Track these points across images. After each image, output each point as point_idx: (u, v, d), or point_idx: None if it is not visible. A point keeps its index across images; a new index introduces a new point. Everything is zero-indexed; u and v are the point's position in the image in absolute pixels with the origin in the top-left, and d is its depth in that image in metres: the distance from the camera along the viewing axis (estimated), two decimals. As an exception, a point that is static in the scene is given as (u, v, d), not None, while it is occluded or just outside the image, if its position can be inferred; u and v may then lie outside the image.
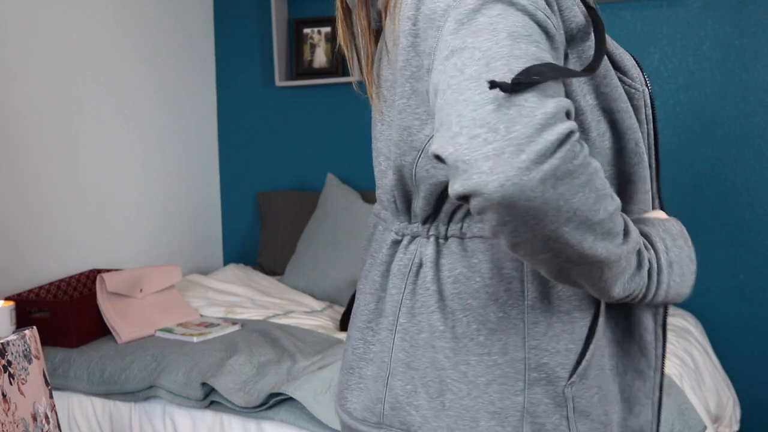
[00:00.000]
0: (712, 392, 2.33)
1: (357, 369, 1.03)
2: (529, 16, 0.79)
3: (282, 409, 1.94)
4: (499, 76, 0.73)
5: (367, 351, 1.02)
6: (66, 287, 2.58)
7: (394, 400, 0.96)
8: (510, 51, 0.75)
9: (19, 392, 1.62)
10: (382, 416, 0.98)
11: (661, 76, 2.77)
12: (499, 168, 0.70)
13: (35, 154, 2.62)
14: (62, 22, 2.71)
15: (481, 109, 0.72)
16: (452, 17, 0.80)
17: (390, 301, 0.99)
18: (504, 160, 0.70)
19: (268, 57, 3.40)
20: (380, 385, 0.98)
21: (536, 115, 0.71)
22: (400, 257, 1.00)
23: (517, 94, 0.72)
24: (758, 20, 2.64)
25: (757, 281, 2.70)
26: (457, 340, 0.92)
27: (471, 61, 0.75)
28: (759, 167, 2.67)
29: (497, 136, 0.71)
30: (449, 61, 0.78)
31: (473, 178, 0.71)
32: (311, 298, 2.84)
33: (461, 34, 0.78)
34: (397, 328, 0.97)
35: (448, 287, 0.94)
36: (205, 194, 3.47)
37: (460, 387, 0.92)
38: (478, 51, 0.76)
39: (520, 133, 0.70)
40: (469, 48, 0.77)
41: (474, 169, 0.71)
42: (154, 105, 3.15)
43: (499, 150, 0.70)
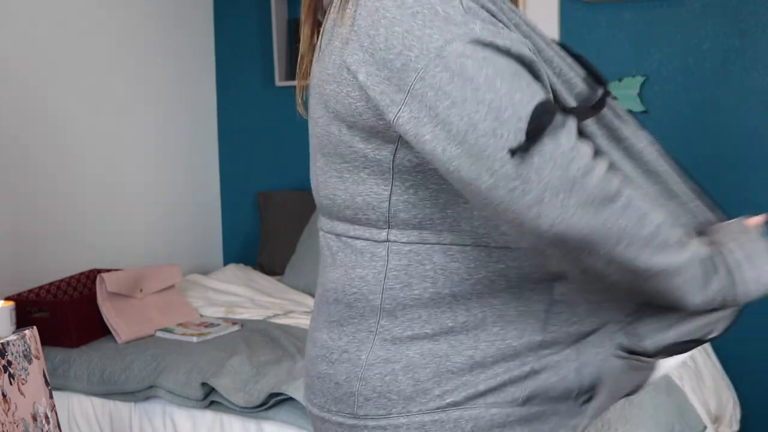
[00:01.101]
0: (712, 392, 2.33)
1: (323, 363, 1.03)
2: (508, 54, 0.83)
3: (282, 409, 1.94)
4: (512, 128, 0.79)
5: (333, 348, 1.02)
6: (66, 287, 2.58)
7: (370, 391, 0.98)
8: (510, 97, 0.80)
9: (19, 392, 1.62)
10: (356, 406, 0.99)
11: (661, 76, 2.77)
12: (545, 211, 0.79)
13: (35, 154, 2.62)
14: (62, 23, 2.71)
15: (508, 165, 0.79)
16: (440, 65, 0.82)
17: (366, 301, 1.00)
18: (546, 204, 0.79)
19: (268, 57, 3.40)
20: (353, 380, 0.98)
21: (557, 157, 0.79)
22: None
23: (534, 144, 0.79)
24: (758, 20, 2.64)
25: (757, 281, 2.69)
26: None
27: (478, 116, 0.80)
28: (759, 167, 2.67)
29: (532, 186, 0.79)
30: (452, 110, 0.81)
31: (526, 224, 0.81)
32: (311, 298, 2.84)
33: (454, 86, 0.81)
34: (378, 329, 0.98)
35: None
36: (205, 194, 3.47)
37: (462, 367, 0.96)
38: (481, 105, 0.80)
39: (551, 177, 0.79)
40: (463, 103, 0.80)
41: (524, 217, 0.80)
42: (154, 105, 3.15)
43: (539, 197, 0.79)
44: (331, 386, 1.01)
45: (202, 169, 3.45)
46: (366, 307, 0.98)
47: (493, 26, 0.85)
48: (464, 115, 0.80)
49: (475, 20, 0.84)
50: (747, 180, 2.69)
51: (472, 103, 0.80)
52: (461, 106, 0.80)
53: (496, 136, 0.79)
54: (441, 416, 0.95)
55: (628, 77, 2.79)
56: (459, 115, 0.80)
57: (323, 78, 0.95)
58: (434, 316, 0.96)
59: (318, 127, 0.99)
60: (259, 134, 3.47)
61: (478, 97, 0.80)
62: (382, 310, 0.97)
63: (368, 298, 0.98)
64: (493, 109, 0.79)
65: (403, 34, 0.84)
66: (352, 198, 0.97)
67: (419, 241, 0.95)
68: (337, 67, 0.92)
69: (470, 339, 0.96)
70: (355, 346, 0.99)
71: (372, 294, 0.97)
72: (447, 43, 0.82)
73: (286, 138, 3.42)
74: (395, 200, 0.95)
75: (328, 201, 1.01)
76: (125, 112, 3.01)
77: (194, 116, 3.39)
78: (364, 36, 0.88)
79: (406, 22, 0.84)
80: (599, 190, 0.81)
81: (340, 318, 1.01)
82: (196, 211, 3.41)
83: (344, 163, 0.97)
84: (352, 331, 0.99)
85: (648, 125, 2.99)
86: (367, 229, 0.97)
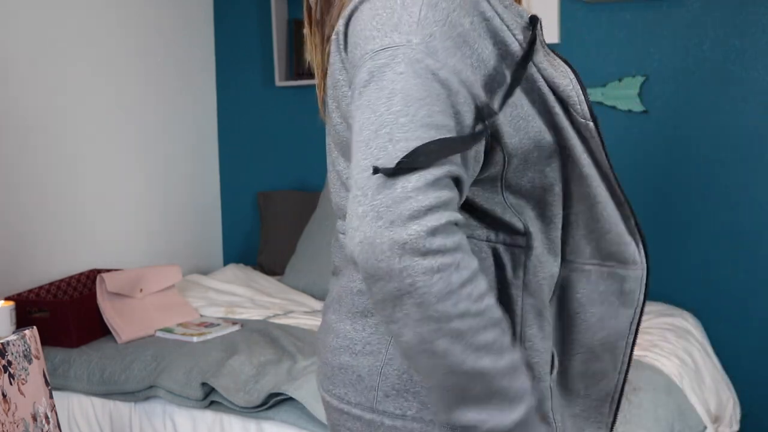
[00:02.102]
0: (712, 392, 2.33)
1: (345, 354, 1.03)
2: (431, 76, 0.83)
3: (282, 409, 1.94)
4: (381, 143, 0.80)
5: (357, 339, 1.02)
6: (66, 287, 2.58)
7: (389, 387, 0.98)
8: (396, 118, 0.81)
9: (19, 392, 1.62)
10: (375, 401, 0.99)
11: (661, 76, 2.77)
12: (363, 228, 0.78)
13: (35, 154, 2.62)
14: (62, 23, 2.71)
15: (364, 174, 0.80)
16: (366, 67, 0.85)
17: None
18: (366, 222, 0.78)
19: (268, 57, 3.40)
20: (374, 374, 0.99)
21: (399, 197, 0.78)
22: None
23: (397, 176, 0.78)
24: (758, 20, 2.64)
25: (757, 281, 2.70)
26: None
27: (367, 123, 0.82)
28: (759, 167, 2.67)
29: (367, 200, 0.79)
30: (358, 112, 0.85)
31: (347, 230, 0.81)
32: (311, 298, 2.84)
33: (369, 89, 0.84)
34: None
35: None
36: (205, 194, 3.47)
37: None
38: (374, 115, 0.82)
39: (385, 204, 0.78)
40: (366, 107, 0.83)
41: (348, 224, 0.80)
42: (154, 105, 3.15)
43: (365, 213, 0.79)
44: (354, 378, 1.00)
45: (202, 169, 3.45)
46: None
47: (444, 41, 0.85)
48: (362, 118, 0.83)
49: (421, 32, 0.85)
50: (747, 179, 2.69)
51: (368, 110, 0.83)
52: (363, 108, 0.84)
53: (369, 147, 0.81)
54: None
55: (628, 77, 2.80)
56: (360, 117, 0.84)
57: (332, 83, 0.98)
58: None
59: (336, 132, 1.01)
60: (259, 134, 3.47)
61: (373, 107, 0.83)
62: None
63: None
64: (376, 123, 0.81)
65: (359, 33, 0.88)
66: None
67: None
68: (338, 71, 0.95)
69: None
70: (377, 339, 0.99)
71: None
72: (382, 48, 0.85)
73: (286, 138, 3.42)
74: None
75: (343, 201, 1.03)
76: (125, 112, 3.01)
77: (194, 116, 3.39)
78: (349, 37, 0.92)
79: (367, 21, 0.88)
80: (414, 245, 0.78)
81: (364, 309, 1.01)
82: (196, 211, 3.41)
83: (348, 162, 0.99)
84: (375, 322, 0.99)
85: (648, 125, 3.01)
86: None
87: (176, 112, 3.28)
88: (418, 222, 0.77)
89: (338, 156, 1.02)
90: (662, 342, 2.29)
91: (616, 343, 1.03)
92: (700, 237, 2.76)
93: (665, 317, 2.54)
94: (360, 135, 0.83)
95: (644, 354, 2.16)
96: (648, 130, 2.80)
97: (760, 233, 2.69)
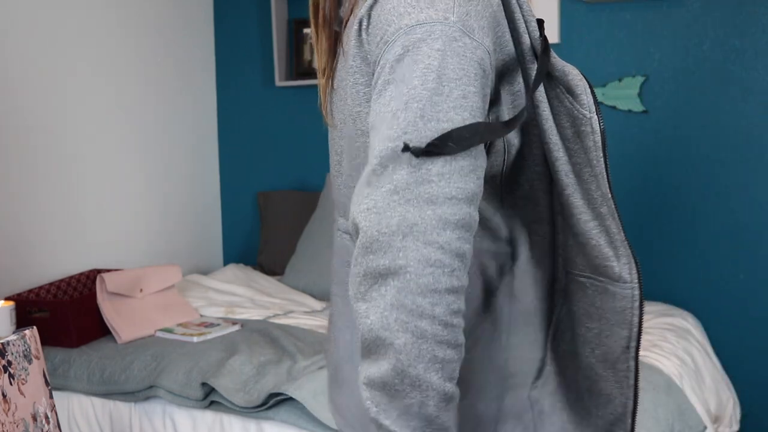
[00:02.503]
0: (712, 392, 2.33)
1: (348, 363, 1.02)
2: (468, 56, 0.81)
3: (282, 409, 1.94)
4: (410, 118, 0.78)
5: (357, 346, 1.01)
6: (66, 287, 2.58)
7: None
8: (430, 96, 0.78)
9: (19, 392, 1.62)
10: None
11: (661, 76, 2.77)
12: (375, 196, 0.77)
13: (35, 154, 2.62)
14: (62, 23, 2.71)
15: (387, 144, 0.78)
16: (400, 42, 0.82)
17: None
18: (381, 193, 0.77)
19: (268, 57, 3.40)
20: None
21: (428, 186, 0.76)
22: None
23: (424, 156, 0.77)
24: (758, 20, 2.64)
25: (757, 281, 2.70)
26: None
27: (397, 95, 0.80)
28: (759, 167, 2.67)
29: (386, 172, 0.77)
30: (388, 86, 0.81)
31: (355, 196, 0.80)
32: (311, 298, 2.84)
33: (403, 63, 0.81)
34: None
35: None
36: (205, 194, 3.47)
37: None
38: (406, 87, 0.79)
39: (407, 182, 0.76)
40: (399, 81, 0.80)
41: (358, 191, 0.79)
42: (154, 105, 3.15)
43: (381, 184, 0.78)
44: (355, 388, 0.99)
45: (202, 169, 3.45)
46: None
47: (479, 21, 0.83)
48: (393, 90, 0.80)
49: (458, 10, 0.82)
50: (747, 179, 2.69)
51: (400, 84, 0.80)
52: (396, 81, 0.81)
53: (397, 118, 0.78)
54: None
55: (628, 77, 2.80)
56: (391, 90, 0.81)
57: (342, 76, 0.95)
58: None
59: (346, 128, 0.98)
60: (259, 134, 3.47)
61: (407, 80, 0.80)
62: None
63: None
64: (407, 96, 0.79)
65: (390, 11, 0.85)
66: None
67: None
68: (352, 57, 0.92)
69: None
70: (353, 345, 0.98)
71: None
72: (418, 24, 0.82)
73: (286, 138, 3.42)
74: None
75: (346, 199, 1.00)
76: (125, 112, 3.01)
77: (194, 116, 3.39)
78: (372, 19, 0.89)
79: (397, 1, 0.85)
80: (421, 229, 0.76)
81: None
82: (196, 211, 3.41)
83: (354, 160, 0.96)
84: (353, 330, 0.98)
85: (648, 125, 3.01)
86: None
87: (176, 112, 3.28)
88: (434, 209, 0.76)
89: (354, 153, 0.98)
90: (662, 342, 2.29)
91: (615, 364, 0.95)
92: (700, 237, 2.76)
93: (665, 317, 2.54)
94: (388, 106, 0.80)
95: (644, 354, 2.16)
96: (648, 130, 2.80)
97: (760, 233, 2.69)
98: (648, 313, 2.59)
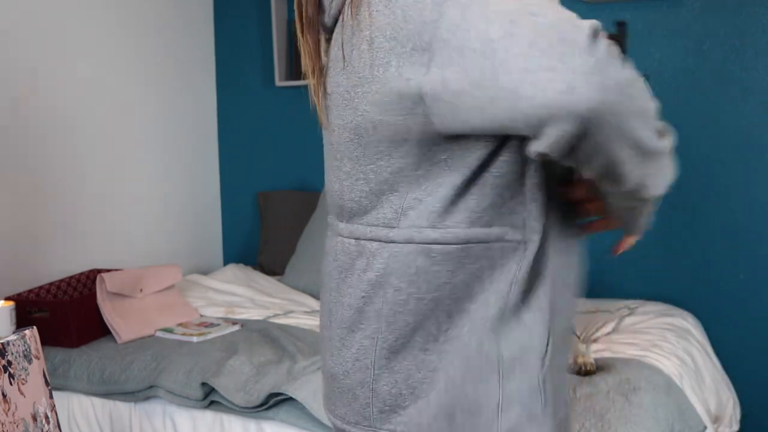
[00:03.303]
0: (712, 392, 2.33)
1: (341, 374, 1.03)
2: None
3: (282, 409, 1.94)
4: (527, 18, 0.81)
5: (346, 357, 1.02)
6: (66, 287, 2.58)
7: (382, 403, 0.98)
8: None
9: (19, 392, 1.62)
10: (372, 419, 0.99)
11: (661, 76, 2.77)
12: (603, 78, 0.79)
13: (35, 154, 2.62)
14: (63, 23, 2.71)
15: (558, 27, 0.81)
16: (449, 4, 0.84)
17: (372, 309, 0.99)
18: (602, 73, 0.79)
19: (268, 57, 3.40)
20: (366, 390, 0.99)
21: (607, 55, 0.80)
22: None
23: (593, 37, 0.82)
24: (758, 20, 2.64)
25: (757, 281, 2.70)
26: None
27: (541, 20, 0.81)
28: (759, 167, 2.67)
29: (585, 51, 0.79)
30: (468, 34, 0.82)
31: (570, 94, 0.78)
32: (311, 298, 2.84)
33: (473, 7, 0.82)
34: (379, 336, 0.98)
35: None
36: (205, 194, 3.47)
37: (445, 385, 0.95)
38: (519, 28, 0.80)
39: (605, 55, 0.80)
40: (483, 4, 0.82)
41: (575, 85, 0.78)
42: (154, 105, 3.15)
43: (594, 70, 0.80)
44: (349, 397, 1.01)
45: (202, 169, 3.45)
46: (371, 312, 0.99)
47: None
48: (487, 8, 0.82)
49: None
50: (747, 179, 2.69)
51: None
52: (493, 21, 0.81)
53: (572, 24, 0.81)
54: None
55: (628, 77, 2.79)
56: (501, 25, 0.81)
57: (354, 82, 0.96)
58: (420, 323, 0.96)
59: (346, 132, 0.99)
60: (259, 134, 3.47)
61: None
62: (381, 316, 0.98)
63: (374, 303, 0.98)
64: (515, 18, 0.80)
65: (415, 2, 0.86)
66: (378, 198, 0.97)
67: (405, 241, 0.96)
68: (368, 68, 0.92)
69: (456, 348, 0.95)
70: (363, 354, 0.99)
71: (378, 297, 0.98)
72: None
73: (286, 138, 3.42)
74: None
75: (354, 204, 1.01)
76: (125, 112, 3.01)
77: (194, 116, 3.39)
78: (385, 27, 0.90)
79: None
80: (624, 72, 0.81)
81: (351, 323, 1.01)
82: (196, 211, 3.41)
83: (370, 164, 0.97)
84: (361, 337, 1.00)
85: (648, 125, 2.97)
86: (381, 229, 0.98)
87: (176, 112, 3.28)
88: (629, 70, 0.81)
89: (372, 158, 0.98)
90: (662, 342, 2.29)
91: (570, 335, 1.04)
92: (700, 237, 2.76)
93: (665, 317, 2.54)
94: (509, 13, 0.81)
95: (644, 354, 2.16)
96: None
97: (760, 233, 2.69)
98: (648, 313, 2.59)
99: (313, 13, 1.01)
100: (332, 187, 1.05)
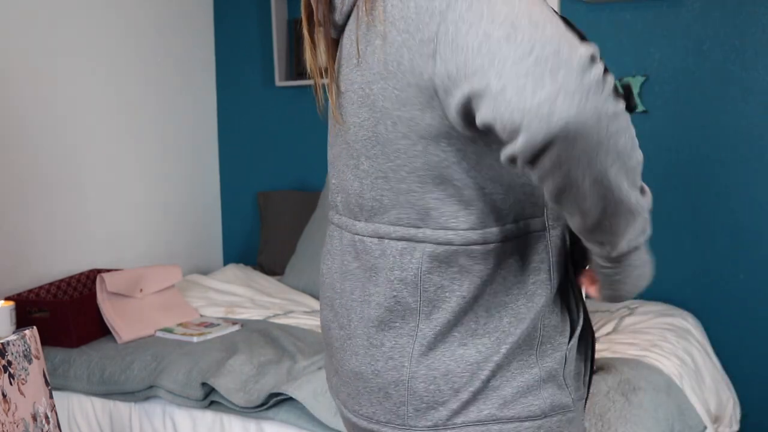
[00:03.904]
0: (712, 392, 2.33)
1: (370, 374, 1.03)
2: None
3: (282, 409, 1.94)
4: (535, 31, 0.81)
5: (376, 356, 1.02)
6: (66, 287, 2.58)
7: (418, 401, 0.98)
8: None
9: (19, 392, 1.62)
10: (406, 417, 0.99)
11: (661, 76, 2.77)
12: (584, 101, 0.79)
13: (35, 154, 2.62)
14: (63, 23, 2.71)
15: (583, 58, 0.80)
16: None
17: (407, 307, 1.00)
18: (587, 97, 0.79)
19: (268, 57, 3.40)
20: (402, 389, 0.99)
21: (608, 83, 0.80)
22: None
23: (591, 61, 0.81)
24: (758, 20, 2.64)
25: (757, 281, 2.70)
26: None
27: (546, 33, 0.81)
28: (759, 167, 2.67)
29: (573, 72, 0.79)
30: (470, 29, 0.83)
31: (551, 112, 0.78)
32: (311, 298, 2.84)
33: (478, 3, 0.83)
34: (417, 333, 0.99)
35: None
36: (205, 194, 3.47)
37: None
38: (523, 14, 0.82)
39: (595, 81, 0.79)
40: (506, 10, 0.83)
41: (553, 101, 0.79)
42: (154, 105, 3.15)
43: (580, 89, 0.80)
44: (380, 396, 1.01)
45: (202, 169, 3.45)
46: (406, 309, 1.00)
47: None
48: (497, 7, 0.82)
49: None
50: (747, 179, 2.69)
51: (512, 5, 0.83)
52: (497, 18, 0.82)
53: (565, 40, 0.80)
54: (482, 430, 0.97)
55: (628, 77, 2.80)
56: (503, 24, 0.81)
57: (369, 79, 0.96)
58: (459, 319, 0.97)
59: (363, 130, 0.99)
60: (259, 134, 3.47)
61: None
62: (418, 314, 0.99)
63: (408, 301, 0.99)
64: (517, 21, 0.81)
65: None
66: (396, 197, 0.98)
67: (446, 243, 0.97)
68: (382, 64, 0.93)
69: (493, 342, 0.97)
70: (397, 352, 0.99)
71: (411, 296, 0.98)
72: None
73: (286, 138, 3.42)
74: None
75: (375, 203, 1.00)
76: (125, 112, 3.01)
77: (194, 116, 3.39)
78: (398, 20, 0.90)
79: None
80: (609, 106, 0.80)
81: (380, 322, 1.01)
82: (196, 211, 3.41)
83: (389, 162, 0.97)
84: (394, 335, 0.99)
85: (648, 125, 3.01)
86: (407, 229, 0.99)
87: (176, 112, 3.28)
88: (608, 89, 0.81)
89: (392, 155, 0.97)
90: (662, 342, 2.29)
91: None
92: (700, 237, 2.76)
93: (665, 317, 2.54)
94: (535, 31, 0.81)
95: (644, 354, 2.16)
96: (648, 130, 2.80)
97: (760, 233, 2.69)
98: (648, 313, 2.59)
99: (325, 11, 1.01)
100: (350, 186, 1.04)
